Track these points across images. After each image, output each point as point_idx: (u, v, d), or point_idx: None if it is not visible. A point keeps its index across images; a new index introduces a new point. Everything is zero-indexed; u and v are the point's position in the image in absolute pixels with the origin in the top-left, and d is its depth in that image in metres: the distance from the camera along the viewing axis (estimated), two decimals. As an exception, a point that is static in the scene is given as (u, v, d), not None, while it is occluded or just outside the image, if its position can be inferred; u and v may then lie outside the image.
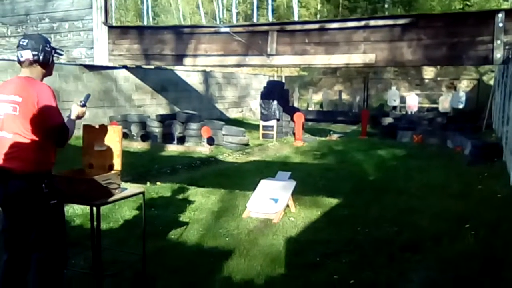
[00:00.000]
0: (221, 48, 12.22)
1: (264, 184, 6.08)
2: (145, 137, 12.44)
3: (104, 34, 13.54)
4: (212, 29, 12.63)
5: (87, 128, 3.61)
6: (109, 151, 3.53)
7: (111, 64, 13.69)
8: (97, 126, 3.58)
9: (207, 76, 18.45)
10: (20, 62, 2.96)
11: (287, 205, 5.79)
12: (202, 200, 6.44)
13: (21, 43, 2.96)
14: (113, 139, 3.51)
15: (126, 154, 10.46)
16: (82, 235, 4.64)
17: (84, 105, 3.16)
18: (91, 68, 13.22)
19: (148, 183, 7.47)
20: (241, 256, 4.28)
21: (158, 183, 7.46)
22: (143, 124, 12.76)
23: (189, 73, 17.37)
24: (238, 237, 4.87)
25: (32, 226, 2.91)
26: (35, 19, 14.40)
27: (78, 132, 3.33)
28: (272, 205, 5.64)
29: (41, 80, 2.99)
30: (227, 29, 12.08)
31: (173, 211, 5.80)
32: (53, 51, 3.02)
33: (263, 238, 4.84)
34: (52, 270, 2.92)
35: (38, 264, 2.89)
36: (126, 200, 6.28)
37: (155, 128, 12.49)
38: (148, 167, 8.99)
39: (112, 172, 3.48)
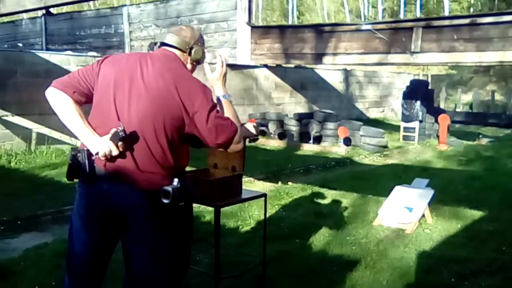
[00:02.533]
0: (361, 46, 11.87)
1: (399, 191, 5.71)
2: (282, 135, 12.52)
3: (247, 34, 13.90)
4: (353, 27, 12.31)
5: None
6: (233, 152, 3.51)
7: (252, 63, 14.03)
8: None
9: (347, 74, 18.09)
10: None
11: (423, 215, 5.37)
12: (333, 203, 6.25)
13: None
14: (237, 140, 3.49)
15: (262, 152, 10.75)
16: (209, 232, 4.71)
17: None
18: (233, 67, 13.63)
19: (279, 183, 7.47)
20: (367, 268, 4.02)
21: (290, 183, 7.42)
22: (280, 122, 12.86)
23: (329, 71, 17.17)
24: (366, 247, 4.60)
25: None
26: (185, 21, 15.22)
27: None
28: (406, 214, 5.27)
29: None
30: (369, 27, 11.69)
31: (301, 214, 5.69)
32: None
33: (393, 250, 4.52)
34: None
35: None
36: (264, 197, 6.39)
37: (292, 126, 12.52)
38: (282, 166, 9.00)
39: (235, 173, 3.45)
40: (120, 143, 2.13)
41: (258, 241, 4.60)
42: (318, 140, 11.94)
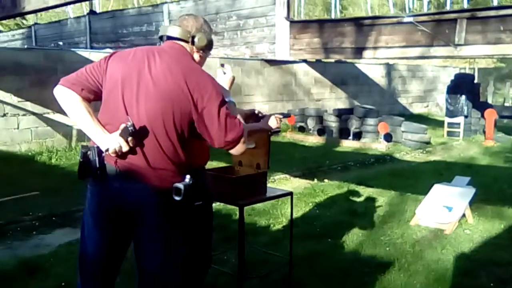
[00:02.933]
0: (403, 39, 11.54)
1: (438, 189, 5.47)
2: (321, 131, 12.33)
3: (286, 29, 13.74)
4: (394, 20, 11.97)
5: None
6: (258, 149, 3.41)
7: (291, 59, 13.86)
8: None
9: (390, 69, 17.67)
10: None
11: (463, 215, 5.13)
12: (369, 201, 6.06)
13: None
14: (262, 137, 3.38)
15: (300, 148, 10.61)
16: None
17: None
18: (272, 62, 13.54)
19: (315, 180, 7.32)
20: (400, 270, 3.85)
21: (326, 180, 7.26)
22: (320, 118, 12.67)
23: (370, 66, 16.81)
24: (401, 248, 4.42)
25: None
26: (224, 17, 15.22)
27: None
28: (445, 214, 5.04)
29: None
30: (410, 19, 11.34)
31: (335, 212, 5.54)
32: None
33: (429, 251, 4.32)
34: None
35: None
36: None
37: (332, 122, 12.29)
38: (320, 163, 8.84)
39: (259, 171, 3.35)
40: (130, 139, 2.08)
41: (289, 240, 4.49)
42: (358, 136, 11.69)
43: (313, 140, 11.87)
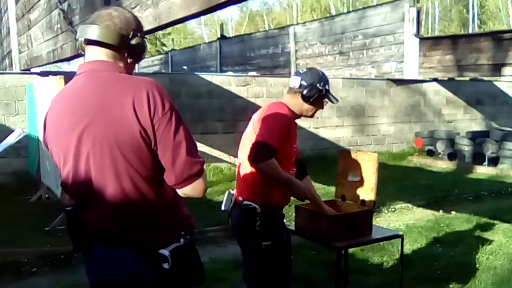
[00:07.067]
0: (550, 53, 10.31)
1: None
2: (452, 155, 11.35)
3: (415, 46, 13.01)
4: (539, 32, 10.76)
5: (343, 153, 3.22)
6: (364, 182, 3.06)
7: (420, 78, 13.07)
8: (353, 153, 3.15)
9: (535, 87, 15.94)
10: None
11: None
12: (503, 240, 5.30)
13: (299, 71, 2.80)
14: (368, 169, 3.02)
15: (427, 174, 9.86)
16: (352, 268, 4.25)
17: None
18: (398, 82, 12.87)
19: (440, 211, 6.65)
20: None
21: (453, 213, 6.55)
22: (451, 141, 11.69)
23: (511, 84, 15.31)
24: (540, 301, 3.74)
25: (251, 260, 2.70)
26: (349, 37, 14.85)
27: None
28: None
29: (298, 115, 2.74)
30: (559, 31, 10.10)
31: (461, 251, 4.91)
32: (324, 92, 2.72)
33: None
34: None
35: None
36: (410, 229, 5.72)
37: (464, 146, 11.27)
38: (448, 191, 8.06)
39: (363, 208, 2.99)
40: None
41: (404, 282, 4.01)
42: (494, 162, 10.57)
43: (442, 165, 10.97)
